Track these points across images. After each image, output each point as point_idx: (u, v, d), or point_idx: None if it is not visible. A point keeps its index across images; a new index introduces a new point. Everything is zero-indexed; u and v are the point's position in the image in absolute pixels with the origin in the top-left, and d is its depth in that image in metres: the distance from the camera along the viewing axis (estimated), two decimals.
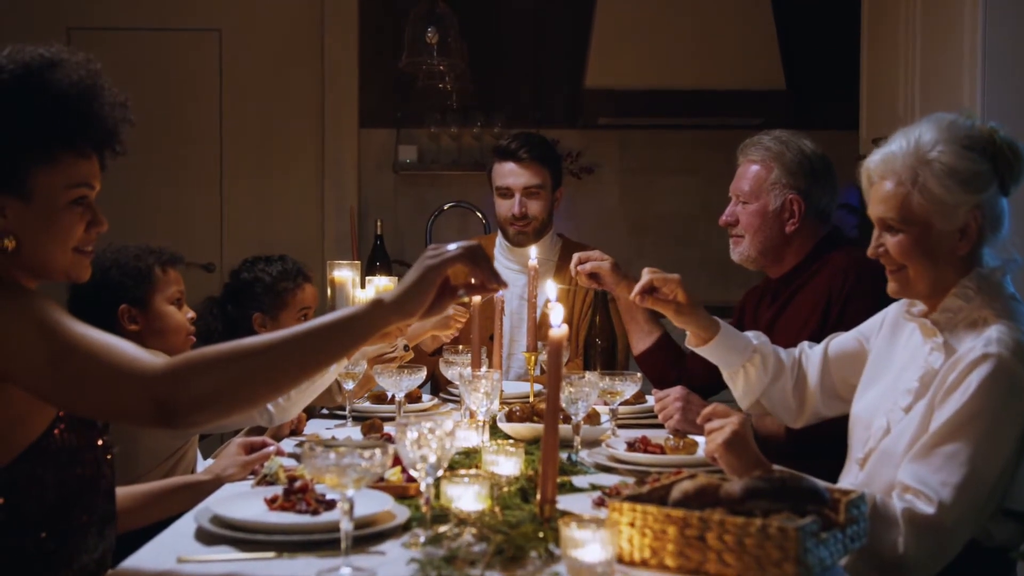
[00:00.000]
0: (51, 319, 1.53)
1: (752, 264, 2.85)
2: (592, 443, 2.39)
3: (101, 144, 1.70)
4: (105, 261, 2.44)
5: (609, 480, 2.08)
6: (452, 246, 1.61)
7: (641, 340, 3.06)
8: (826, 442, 2.35)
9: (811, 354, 2.38)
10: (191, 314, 2.60)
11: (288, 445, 2.38)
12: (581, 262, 2.87)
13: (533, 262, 2.67)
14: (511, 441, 2.31)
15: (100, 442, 1.74)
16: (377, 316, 1.58)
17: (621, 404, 2.58)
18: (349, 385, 2.70)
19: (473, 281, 1.65)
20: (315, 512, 1.76)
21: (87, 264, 1.73)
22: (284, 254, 3.11)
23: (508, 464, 1.97)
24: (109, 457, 1.76)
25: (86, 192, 1.68)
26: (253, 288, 3.00)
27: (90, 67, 1.69)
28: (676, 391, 2.56)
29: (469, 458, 2.22)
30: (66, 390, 1.53)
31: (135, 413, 1.53)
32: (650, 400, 2.94)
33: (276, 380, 1.55)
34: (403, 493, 1.90)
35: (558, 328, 1.63)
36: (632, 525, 1.54)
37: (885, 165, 1.99)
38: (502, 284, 1.65)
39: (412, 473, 1.65)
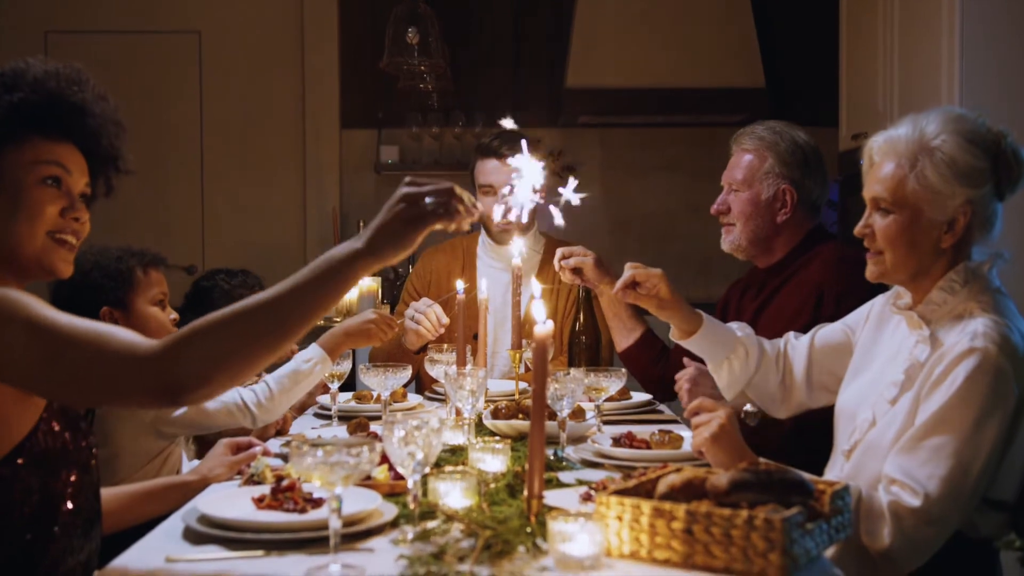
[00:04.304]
0: (39, 316, 1.52)
1: (741, 253, 2.86)
2: (578, 439, 2.40)
3: (78, 131, 1.72)
4: (86, 263, 2.43)
5: (595, 476, 2.09)
6: (428, 194, 1.57)
7: (624, 337, 3.06)
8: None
9: (797, 345, 2.39)
10: (174, 315, 2.59)
11: (274, 445, 2.38)
12: (564, 257, 2.88)
13: (516, 261, 2.68)
14: (497, 438, 2.32)
15: (84, 443, 1.74)
16: (355, 260, 1.55)
17: (606, 400, 2.59)
18: (335, 385, 2.70)
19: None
20: (303, 510, 1.77)
21: (66, 256, 1.72)
22: (247, 269, 3.15)
23: (495, 461, 1.97)
24: (93, 459, 1.76)
25: (56, 171, 1.69)
26: (211, 295, 3.03)
27: (71, 66, 1.72)
28: (687, 371, 2.54)
29: (455, 455, 2.22)
30: (66, 384, 1.53)
31: (140, 396, 1.52)
32: (635, 396, 2.95)
33: (271, 336, 1.52)
34: (391, 490, 1.90)
35: (543, 325, 1.63)
36: (619, 519, 1.55)
37: (888, 146, 2.01)
38: (475, 211, 1.61)
39: (400, 470, 1.65)
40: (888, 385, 2.00)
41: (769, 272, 2.86)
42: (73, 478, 1.68)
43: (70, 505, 1.67)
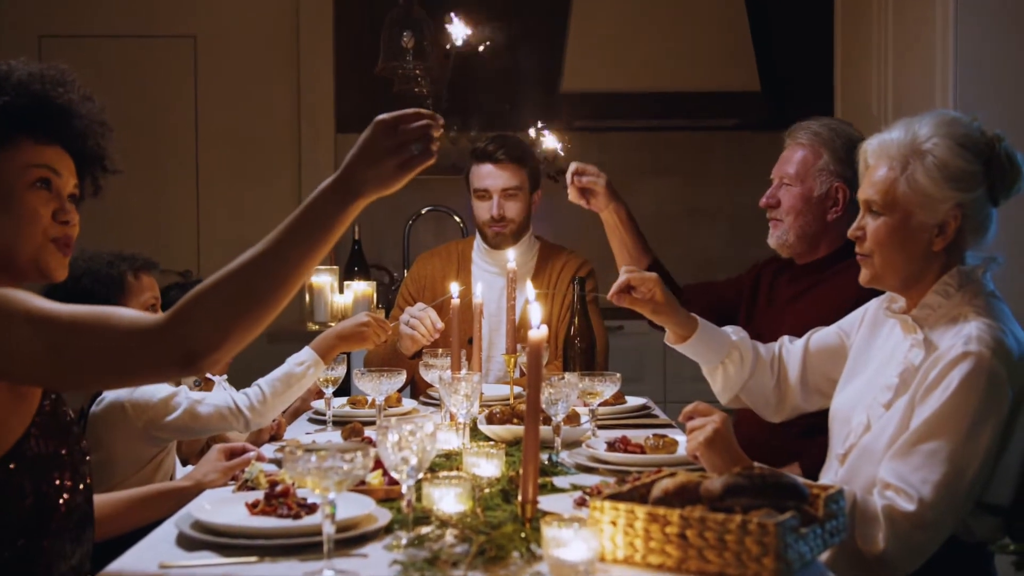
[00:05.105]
0: (38, 308, 1.53)
1: (787, 250, 2.83)
2: (572, 444, 2.40)
3: (66, 133, 1.72)
4: (77, 269, 2.42)
5: (590, 480, 2.09)
6: (411, 138, 1.60)
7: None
8: None
9: (792, 348, 2.39)
10: None
11: (268, 450, 2.37)
12: (577, 173, 2.89)
13: (511, 265, 2.67)
14: (492, 443, 2.32)
15: (76, 448, 1.73)
16: (347, 206, 1.59)
17: (601, 405, 2.59)
18: (329, 390, 2.70)
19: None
20: (297, 516, 1.76)
21: (61, 260, 1.72)
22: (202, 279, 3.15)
23: (489, 466, 1.97)
24: (86, 464, 1.75)
25: (47, 175, 1.69)
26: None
27: (55, 67, 1.72)
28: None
29: (450, 460, 2.22)
30: (77, 371, 1.53)
31: (154, 369, 1.53)
32: (630, 400, 2.95)
33: (273, 289, 1.53)
34: (385, 496, 1.90)
35: (537, 330, 1.63)
36: (613, 524, 1.55)
37: (881, 149, 2.02)
38: (438, 120, 1.63)
39: (394, 475, 1.65)
40: (882, 389, 2.00)
41: (808, 268, 2.83)
42: (66, 483, 1.68)
43: (62, 510, 1.66)
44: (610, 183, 2.92)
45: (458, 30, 2.00)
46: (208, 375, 2.72)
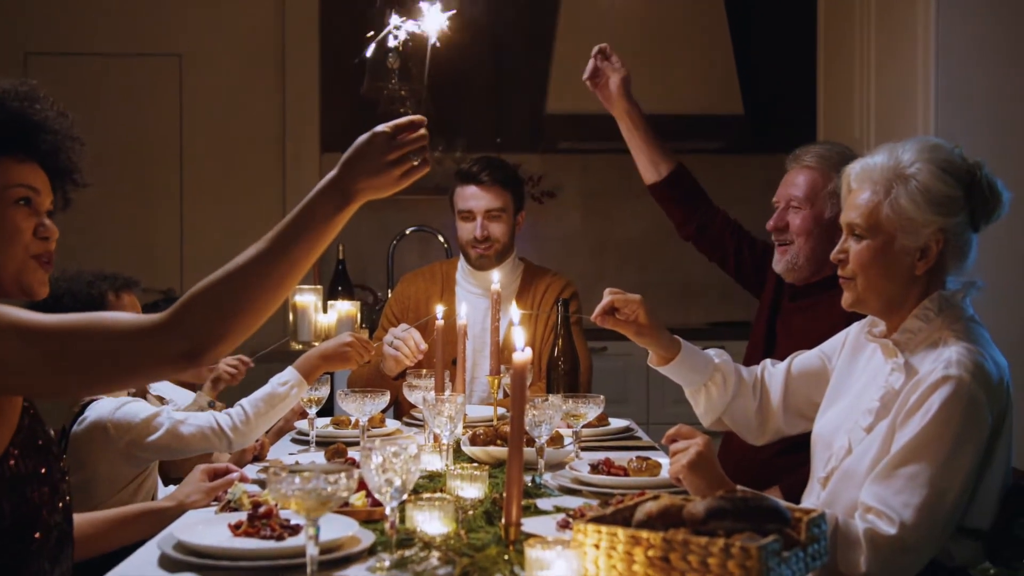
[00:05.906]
0: (26, 320, 1.52)
1: (795, 273, 2.85)
2: (556, 466, 2.40)
3: (43, 152, 1.73)
4: (58, 289, 2.41)
5: (573, 502, 2.09)
6: (408, 149, 1.66)
7: (648, 172, 3.21)
8: None
9: (774, 372, 2.40)
10: None
11: (251, 471, 2.37)
12: (603, 52, 2.97)
13: (496, 286, 2.68)
14: (475, 464, 2.31)
15: (56, 467, 1.72)
16: (343, 209, 1.63)
17: (584, 426, 2.59)
18: (312, 410, 2.69)
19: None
20: (280, 537, 1.76)
21: (43, 277, 1.73)
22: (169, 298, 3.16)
23: (472, 487, 1.97)
24: (65, 483, 1.75)
25: (28, 194, 1.70)
26: None
27: (26, 83, 1.75)
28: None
29: (433, 482, 2.22)
30: (78, 375, 1.53)
31: (156, 366, 1.54)
32: (613, 422, 2.95)
33: (272, 287, 1.57)
34: (368, 517, 1.90)
35: (521, 352, 1.64)
36: (596, 546, 1.55)
37: (864, 174, 2.03)
38: (421, 119, 1.69)
39: (377, 497, 1.65)
40: (863, 413, 2.01)
41: (810, 288, 2.85)
42: (45, 502, 1.67)
43: (42, 529, 1.65)
44: (627, 81, 2.94)
45: (433, 23, 2.02)
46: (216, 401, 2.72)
